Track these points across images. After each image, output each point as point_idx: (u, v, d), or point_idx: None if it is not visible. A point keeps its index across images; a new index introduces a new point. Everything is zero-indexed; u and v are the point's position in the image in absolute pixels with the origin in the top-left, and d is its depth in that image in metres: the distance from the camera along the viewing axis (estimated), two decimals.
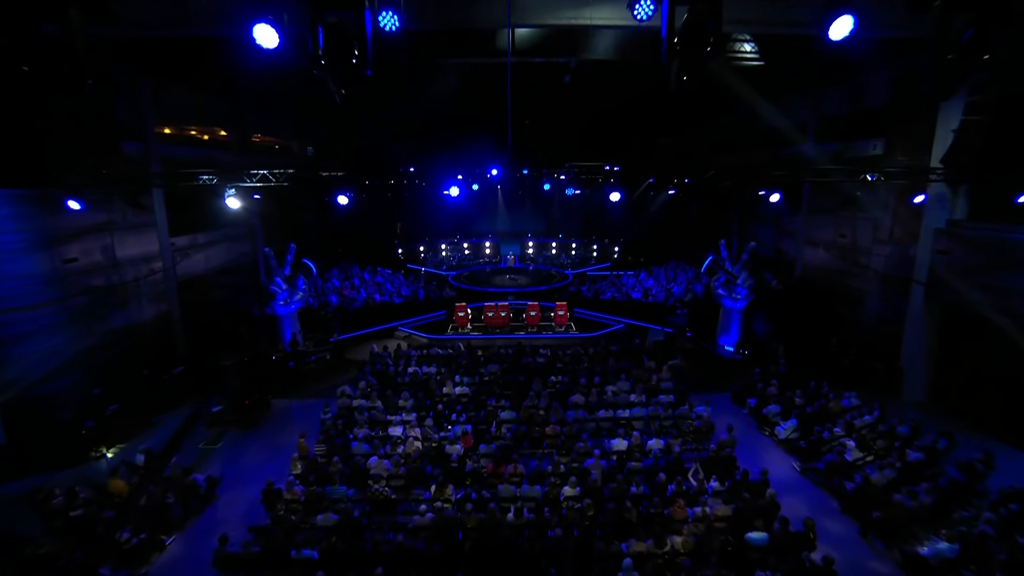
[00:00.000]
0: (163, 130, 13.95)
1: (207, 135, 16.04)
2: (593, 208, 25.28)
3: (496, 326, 16.29)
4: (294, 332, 13.84)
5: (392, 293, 18.77)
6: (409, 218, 25.42)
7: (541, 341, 15.86)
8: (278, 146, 18.94)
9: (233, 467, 9.40)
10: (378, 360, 13.06)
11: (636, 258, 23.81)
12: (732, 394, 12.15)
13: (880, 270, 12.56)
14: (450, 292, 19.69)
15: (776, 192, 13.12)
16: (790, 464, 9.52)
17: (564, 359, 13.23)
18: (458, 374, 12.21)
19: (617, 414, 10.50)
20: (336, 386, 11.58)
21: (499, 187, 25.18)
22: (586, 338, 16.08)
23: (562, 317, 16.22)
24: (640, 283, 19.64)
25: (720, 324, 14.81)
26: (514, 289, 20.22)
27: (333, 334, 15.37)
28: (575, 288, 19.97)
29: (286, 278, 13.92)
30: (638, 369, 12.36)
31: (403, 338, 16.35)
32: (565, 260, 24.80)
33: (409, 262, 24.17)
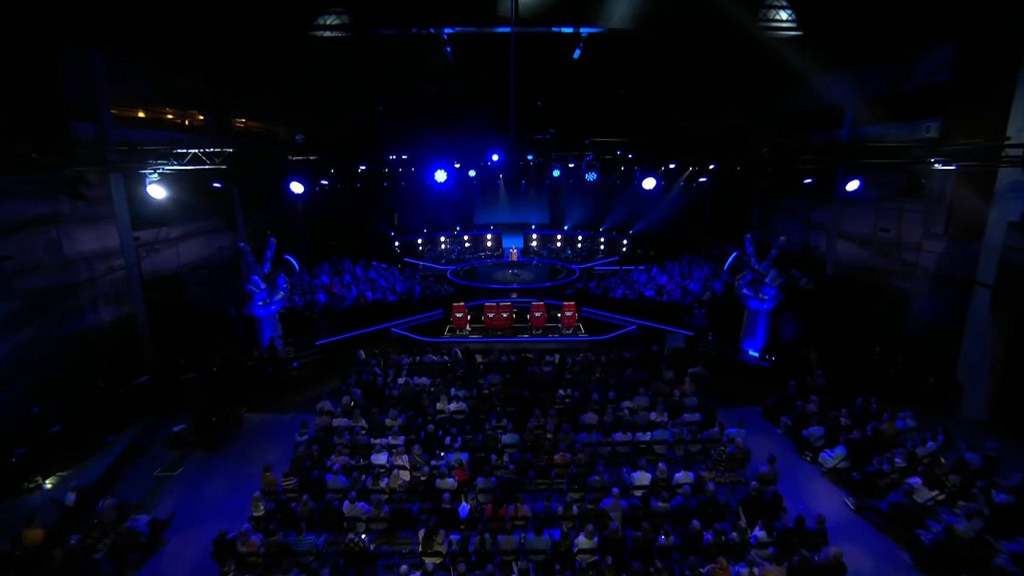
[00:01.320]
0: (132, 112, 12.32)
1: (186, 119, 14.36)
2: (601, 198, 23.67)
3: (497, 328, 14.74)
4: (273, 336, 12.31)
5: (386, 290, 17.24)
6: (406, 209, 23.95)
7: (547, 345, 14.32)
8: (263, 132, 17.23)
9: (190, 500, 7.94)
10: (365, 368, 11.55)
11: (646, 252, 22.17)
12: (763, 409, 10.59)
13: (932, 269, 10.88)
14: (449, 288, 18.17)
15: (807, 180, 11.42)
16: (841, 500, 7.99)
17: (573, 369, 11.70)
18: (454, 386, 10.69)
19: (636, 437, 8.98)
20: (320, 395, 10.14)
21: (500, 175, 23.42)
22: (596, 342, 14.52)
23: (570, 319, 14.65)
24: (653, 280, 18.03)
25: (744, 327, 13.25)
26: (517, 286, 18.66)
27: (319, 336, 13.89)
28: (582, 284, 18.42)
29: (265, 276, 12.38)
30: (658, 382, 10.81)
31: (396, 341, 14.82)
32: (570, 254, 23.36)
33: (406, 256, 22.78)
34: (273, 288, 12.57)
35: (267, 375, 11.51)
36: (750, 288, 12.80)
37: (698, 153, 12.90)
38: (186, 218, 13.03)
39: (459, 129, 13.92)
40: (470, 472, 8.09)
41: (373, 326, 15.02)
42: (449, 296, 17.47)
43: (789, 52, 10.94)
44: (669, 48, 12.14)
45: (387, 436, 9.03)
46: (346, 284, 17.08)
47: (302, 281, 16.40)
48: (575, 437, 8.94)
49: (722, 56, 12.42)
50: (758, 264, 12.81)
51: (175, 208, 11.97)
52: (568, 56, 12.54)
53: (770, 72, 13.91)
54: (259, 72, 13.38)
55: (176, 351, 11.47)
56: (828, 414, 9.40)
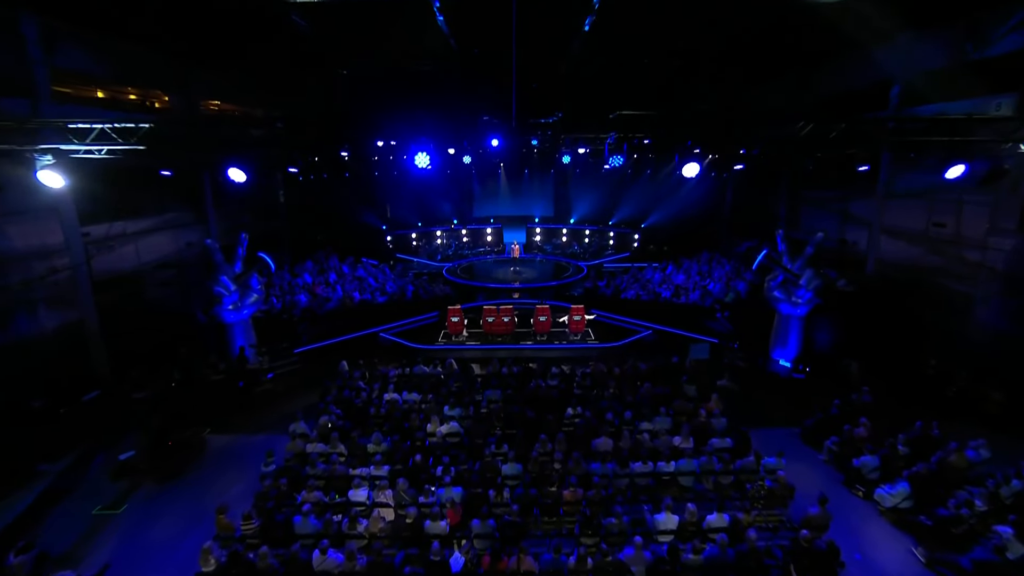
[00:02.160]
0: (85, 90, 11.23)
1: (149, 99, 13.26)
2: (611, 189, 22.71)
3: (498, 334, 13.69)
4: (243, 345, 11.27)
5: (375, 290, 16.18)
6: (399, 201, 22.91)
7: (553, 353, 13.28)
8: (239, 115, 16.11)
9: (133, 546, 6.95)
10: (347, 382, 10.53)
11: (660, 248, 21.13)
12: (803, 431, 9.54)
13: (1000, 270, 9.76)
14: (444, 288, 17.14)
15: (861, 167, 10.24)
16: (906, 549, 6.95)
17: (583, 383, 10.66)
18: (447, 404, 9.66)
19: (658, 467, 7.94)
20: (297, 411, 9.16)
21: (501, 164, 22.47)
22: (608, 349, 13.47)
23: (578, 324, 13.59)
24: (668, 279, 16.93)
25: (774, 333, 12.16)
26: (519, 285, 17.61)
27: (299, 343, 12.87)
28: (591, 284, 17.38)
29: (236, 277, 11.34)
30: (680, 399, 9.75)
31: (384, 348, 13.79)
32: (577, 250, 22.33)
33: (399, 252, 21.75)
34: (245, 290, 11.53)
35: (236, 389, 10.48)
36: (782, 290, 11.70)
37: (731, 134, 11.64)
38: (148, 210, 11.98)
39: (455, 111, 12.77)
40: (464, 512, 7.08)
41: (359, 331, 14.00)
42: (444, 297, 16.44)
43: (834, 19, 9.76)
44: (694, 16, 10.96)
45: (369, 466, 8.01)
46: (331, 284, 16.02)
47: (282, 281, 15.36)
48: (587, 467, 7.93)
49: (755, 25, 11.24)
50: (790, 263, 11.71)
51: (134, 199, 10.92)
52: (579, 26, 11.38)
53: (807, 46, 12.77)
54: (230, 46, 12.27)
55: (135, 362, 10.46)
56: (882, 440, 8.34)
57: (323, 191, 18.73)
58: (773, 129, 11.10)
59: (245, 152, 10.79)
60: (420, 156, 11.26)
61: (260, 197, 17.49)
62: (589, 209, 23.74)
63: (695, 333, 13.67)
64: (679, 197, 20.81)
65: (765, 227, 17.86)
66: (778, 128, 11.65)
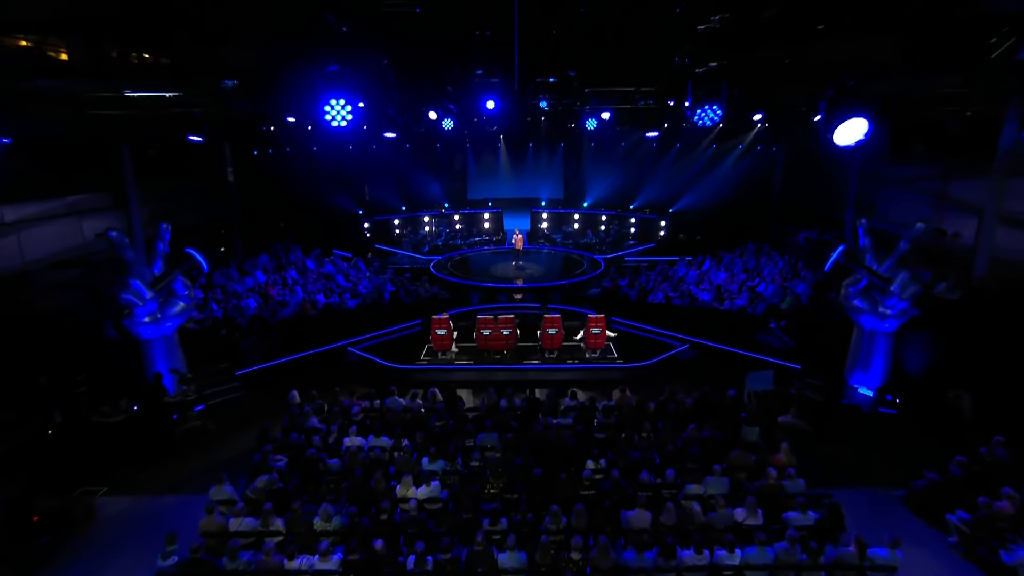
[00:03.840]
0: None
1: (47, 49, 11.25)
2: (631, 167, 21.04)
3: (496, 350, 11.92)
4: (158, 372, 9.48)
5: (345, 291, 14.44)
6: (379, 180, 21.21)
7: (564, 375, 11.52)
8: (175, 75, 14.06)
9: None
10: (296, 422, 8.77)
11: (691, 237, 19.42)
12: (908, 494, 7.76)
13: None
14: (431, 288, 15.41)
15: None
16: None
17: (607, 421, 8.87)
18: (427, 454, 7.90)
19: (717, 557, 6.19)
20: (233, 460, 7.52)
21: (501, 136, 20.80)
22: (634, 370, 11.70)
23: (597, 338, 11.76)
24: (706, 276, 15.15)
25: (853, 353, 10.41)
26: (522, 284, 15.95)
27: (243, 363, 11.13)
28: (609, 283, 15.65)
29: (154, 280, 9.55)
30: (740, 449, 7.95)
31: (353, 367, 12.05)
32: (592, 240, 20.59)
33: (378, 242, 20.14)
34: (167, 297, 9.77)
35: (146, 431, 8.73)
36: (865, 298, 9.89)
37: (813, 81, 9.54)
38: (37, 192, 10.10)
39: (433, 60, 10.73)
40: None
41: (322, 345, 12.28)
42: (431, 299, 14.75)
43: None
44: None
45: (314, 555, 6.27)
46: (289, 284, 14.23)
47: (227, 281, 13.54)
48: (617, 558, 6.19)
49: None
50: (876, 263, 9.86)
51: (19, 177, 9.05)
52: None
53: None
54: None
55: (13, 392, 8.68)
56: None
57: (285, 168, 17.15)
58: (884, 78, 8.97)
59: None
60: (336, 107, 9.21)
61: (203, 175, 15.60)
62: (606, 191, 22.02)
63: (744, 349, 11.88)
64: (716, 176, 19.05)
65: (826, 212, 16.04)
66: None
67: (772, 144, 17.40)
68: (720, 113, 10.29)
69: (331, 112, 9.39)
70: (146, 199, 12.65)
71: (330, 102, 9.34)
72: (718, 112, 10.30)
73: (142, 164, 12.63)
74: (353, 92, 9.38)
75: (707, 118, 10.32)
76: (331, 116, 9.41)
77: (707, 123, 10.39)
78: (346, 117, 9.53)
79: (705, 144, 18.69)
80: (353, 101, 9.42)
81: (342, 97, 9.39)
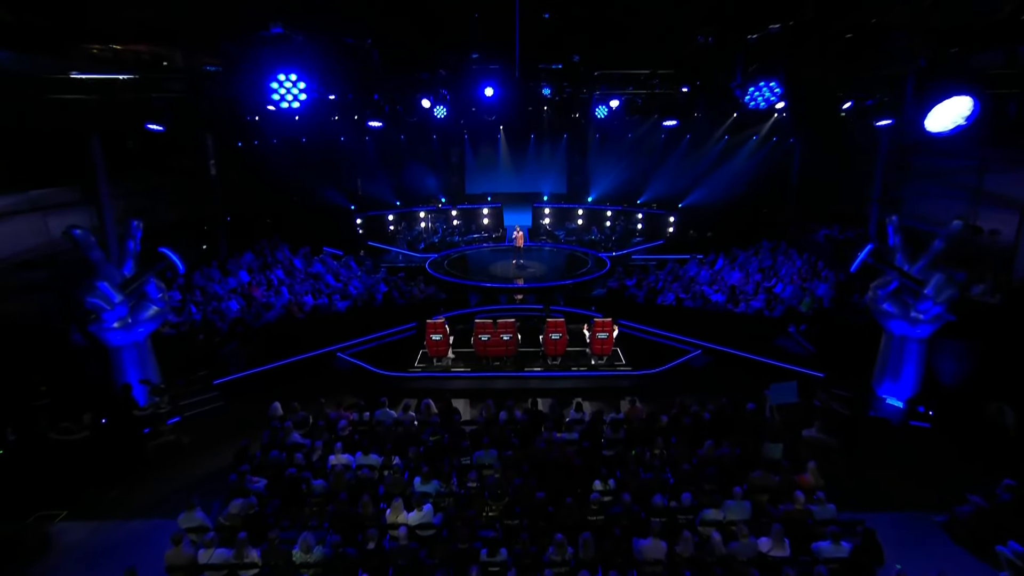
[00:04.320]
0: None
1: None
2: (638, 159, 20.47)
3: (495, 357, 11.41)
4: (126, 383, 8.97)
5: (335, 292, 13.96)
6: (373, 173, 20.58)
7: (568, 383, 11.04)
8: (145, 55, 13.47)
9: None
10: (277, 437, 8.27)
11: (702, 234, 18.94)
12: (950, 520, 7.25)
13: None
14: (427, 289, 14.95)
15: None
16: None
17: (616, 436, 8.39)
18: (420, 474, 7.41)
19: None
20: (210, 478, 7.25)
21: (501, 128, 20.48)
22: (643, 378, 11.20)
23: (604, 343, 11.25)
24: (719, 276, 14.63)
25: (881, 361, 9.91)
26: (523, 284, 15.47)
27: (224, 371, 10.65)
28: (615, 283, 15.16)
29: (124, 282, 9.04)
30: (761, 469, 7.45)
31: (342, 375, 11.56)
32: (597, 236, 20.08)
33: (371, 239, 19.63)
34: (139, 301, 9.26)
35: (115, 447, 8.24)
36: (895, 302, 9.37)
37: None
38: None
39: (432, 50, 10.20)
40: None
41: (309, 351, 11.80)
42: (426, 300, 14.30)
43: None
44: None
45: None
46: (275, 285, 13.72)
47: (208, 282, 13.03)
48: None
49: None
50: (907, 263, 9.33)
51: None
52: None
53: None
54: None
55: None
56: None
57: (272, 160, 16.55)
58: None
59: None
60: (287, 84, 7.98)
61: (183, 168, 15.10)
62: (612, 185, 21.51)
63: (761, 356, 11.37)
64: (728, 169, 18.51)
65: (848, 207, 15.48)
66: None
67: (790, 135, 16.79)
68: (779, 91, 8.97)
69: (280, 90, 8.16)
70: (120, 194, 12.11)
71: (278, 77, 8.11)
72: (776, 90, 8.98)
73: (116, 156, 12.10)
74: (307, 65, 8.23)
75: (762, 98, 9.05)
76: (281, 95, 8.15)
77: (761, 104, 9.16)
78: (299, 97, 8.28)
79: (717, 135, 18.16)
80: (307, 77, 8.23)
81: (293, 71, 8.14)
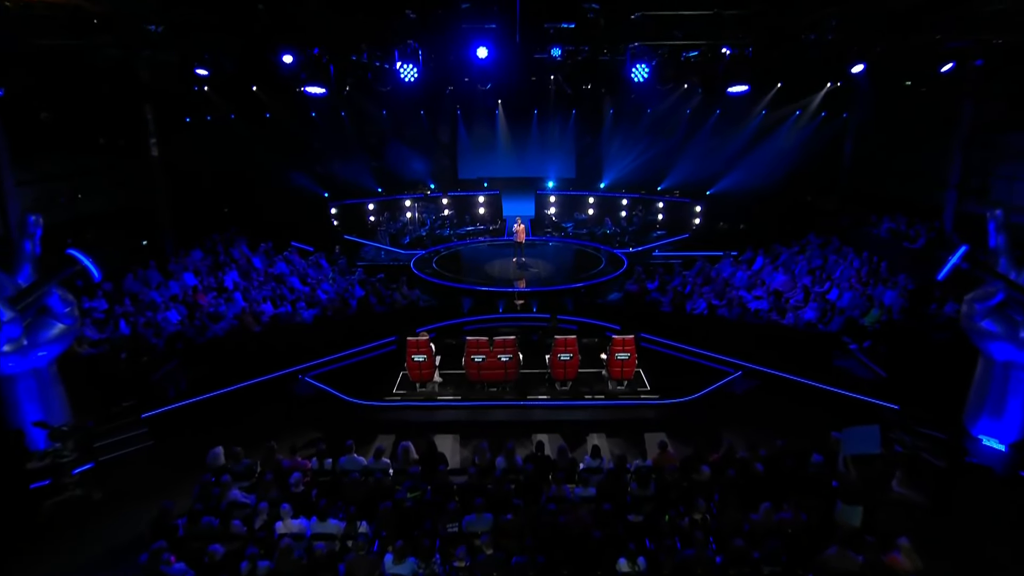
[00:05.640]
0: None
1: None
2: (656, 139, 19.61)
3: (492, 382, 10.19)
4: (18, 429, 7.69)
5: (301, 298, 12.84)
6: (351, 156, 19.63)
7: (581, 414, 9.85)
8: None
9: None
10: (209, 495, 7.04)
11: (734, 226, 17.99)
12: None
13: None
14: (411, 293, 13.82)
15: None
16: None
17: (644, 495, 7.19)
18: (392, 550, 6.21)
19: None
20: (129, 547, 6.20)
21: (499, 101, 19.71)
22: (672, 408, 9.95)
23: (625, 365, 10.00)
24: (759, 279, 13.47)
25: (977, 391, 8.72)
26: (525, 288, 14.31)
27: (155, 401, 9.43)
28: (635, 286, 14.04)
29: (19, 294, 7.79)
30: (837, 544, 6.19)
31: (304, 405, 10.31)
32: (612, 229, 19.08)
33: (348, 232, 18.60)
34: (37, 317, 8.03)
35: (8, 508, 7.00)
36: (998, 319, 8.12)
37: None
38: None
39: None
40: None
41: (266, 373, 10.57)
42: (410, 307, 13.24)
43: None
44: None
45: None
46: (229, 289, 12.50)
47: (143, 287, 11.77)
48: None
49: None
50: (1013, 269, 8.07)
51: None
52: None
53: None
54: None
55: None
56: None
57: (229, 139, 15.62)
58: None
59: None
60: None
61: (117, 147, 13.80)
62: (629, 169, 20.62)
63: (817, 381, 10.11)
64: (766, 150, 17.39)
65: (914, 195, 14.27)
66: None
67: (843, 108, 15.49)
68: None
69: None
70: (29, 180, 10.78)
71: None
72: None
73: (26, 132, 10.77)
74: None
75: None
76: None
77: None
78: None
79: (755, 110, 16.97)
80: None
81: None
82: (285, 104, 16.26)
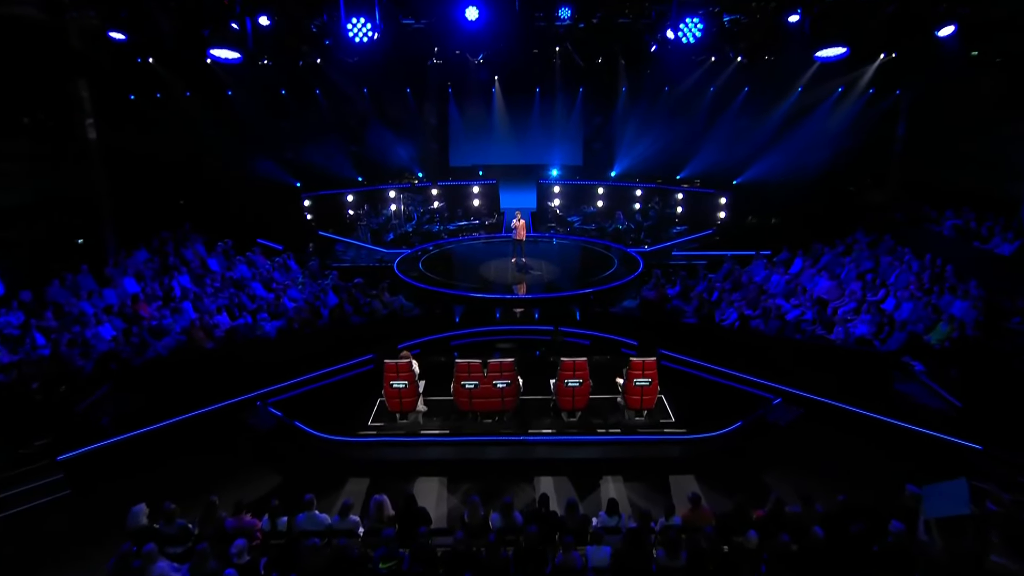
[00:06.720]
0: None
1: None
2: (675, 122, 19.06)
3: (486, 413, 9.22)
4: None
5: (262, 307, 12.04)
6: (327, 139, 19.20)
7: (593, 452, 8.96)
8: None
9: None
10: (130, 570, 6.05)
11: (765, 220, 17.55)
12: None
13: None
14: (394, 300, 12.97)
15: None
16: None
17: (674, 566, 6.24)
18: None
19: None
20: None
21: (496, 78, 19.37)
22: (700, 444, 9.01)
23: (646, 392, 9.02)
24: (799, 284, 12.57)
25: None
26: (524, 295, 13.61)
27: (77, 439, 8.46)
28: (653, 291, 13.33)
29: None
30: None
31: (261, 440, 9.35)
32: (624, 225, 18.66)
33: (323, 228, 18.28)
34: None
35: None
36: None
37: None
38: None
39: None
40: None
41: (217, 401, 9.67)
42: (391, 318, 12.33)
43: None
44: None
45: None
46: (176, 298, 11.57)
47: (71, 297, 10.81)
48: None
49: None
50: None
51: None
52: None
53: None
54: None
55: None
56: None
57: (183, 120, 15.19)
58: None
59: None
60: None
61: (46, 129, 13.03)
62: (643, 155, 20.17)
63: (874, 412, 9.14)
64: (803, 133, 16.63)
65: (982, 186, 13.61)
66: None
67: (896, 85, 14.51)
68: None
69: None
70: None
71: None
72: None
73: None
74: None
75: None
76: None
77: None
78: None
79: (789, 89, 16.18)
80: None
81: None
82: (248, 79, 15.44)
